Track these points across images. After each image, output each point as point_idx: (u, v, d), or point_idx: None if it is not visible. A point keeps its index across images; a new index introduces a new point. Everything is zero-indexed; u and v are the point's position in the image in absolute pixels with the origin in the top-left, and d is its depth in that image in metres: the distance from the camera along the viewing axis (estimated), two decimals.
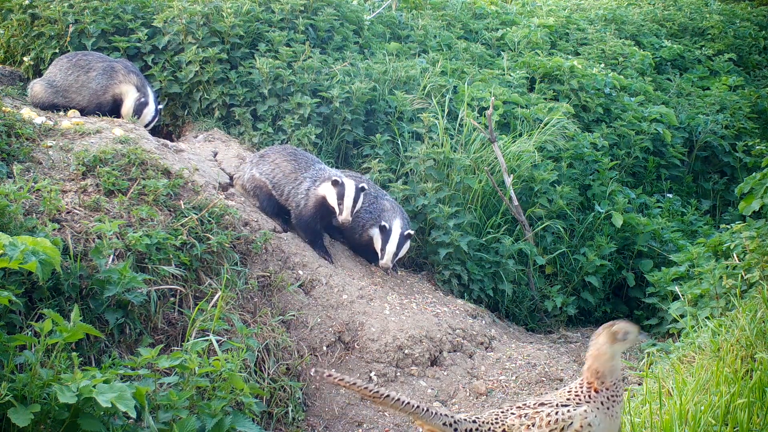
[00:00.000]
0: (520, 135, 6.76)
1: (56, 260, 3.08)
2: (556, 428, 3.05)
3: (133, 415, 2.86)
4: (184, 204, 4.72)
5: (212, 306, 4.14)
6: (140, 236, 4.20)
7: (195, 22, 6.60)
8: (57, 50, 6.62)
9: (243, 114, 6.46)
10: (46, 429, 2.95)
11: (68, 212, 4.28)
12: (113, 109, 5.94)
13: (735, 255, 5.27)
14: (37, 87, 6.04)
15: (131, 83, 5.92)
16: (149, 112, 5.87)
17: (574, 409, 3.06)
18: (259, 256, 5.02)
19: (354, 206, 5.39)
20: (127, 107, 5.86)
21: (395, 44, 7.73)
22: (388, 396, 3.22)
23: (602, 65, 9.14)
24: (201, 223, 4.68)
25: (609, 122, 7.94)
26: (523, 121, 7.04)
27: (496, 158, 6.26)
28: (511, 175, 6.20)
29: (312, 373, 4.71)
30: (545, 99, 7.65)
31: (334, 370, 4.80)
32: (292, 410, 4.43)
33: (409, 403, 3.21)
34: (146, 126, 5.83)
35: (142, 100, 5.85)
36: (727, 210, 8.23)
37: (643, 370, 4.65)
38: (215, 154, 6.12)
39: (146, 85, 5.99)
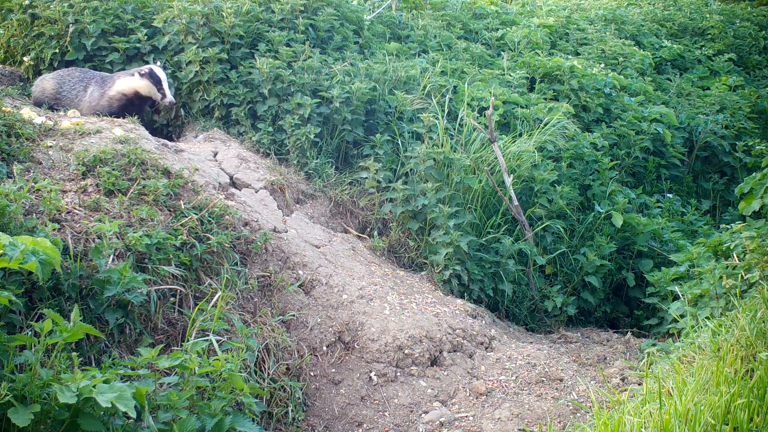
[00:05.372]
0: (520, 135, 6.76)
1: (56, 260, 3.08)
2: None
3: (133, 415, 2.86)
4: (184, 204, 4.72)
5: (212, 306, 4.14)
6: (140, 236, 4.20)
7: (195, 22, 6.60)
8: (57, 50, 6.63)
9: (243, 114, 6.46)
10: (46, 429, 2.95)
11: (68, 212, 4.28)
12: (121, 109, 5.97)
13: (735, 255, 5.27)
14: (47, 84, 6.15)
15: (122, 75, 6.02)
16: (157, 68, 5.97)
17: None
18: (259, 256, 5.02)
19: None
20: (141, 84, 5.95)
21: (395, 44, 7.73)
22: None
23: (602, 65, 9.14)
24: (201, 223, 4.68)
25: (609, 122, 7.94)
26: (523, 121, 7.04)
27: (496, 158, 6.25)
28: (511, 175, 6.20)
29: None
30: (545, 99, 7.65)
31: (333, 370, 4.80)
32: (292, 410, 4.43)
33: None
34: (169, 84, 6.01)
35: (144, 71, 5.95)
36: (727, 210, 8.23)
37: (643, 370, 4.66)
38: (215, 154, 6.12)
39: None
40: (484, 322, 5.55)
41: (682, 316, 5.19)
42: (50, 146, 4.86)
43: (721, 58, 11.20)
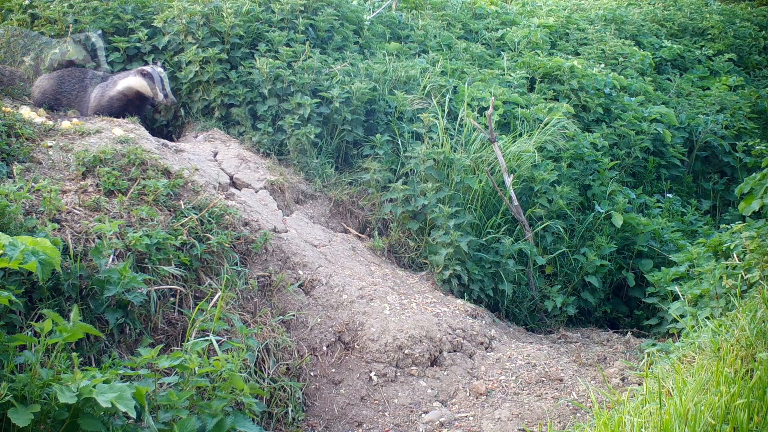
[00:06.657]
0: (520, 135, 6.75)
1: (56, 260, 3.08)
2: None
3: (133, 415, 2.86)
4: (184, 204, 4.72)
5: (212, 306, 4.14)
6: (140, 236, 4.20)
7: (195, 22, 6.60)
8: (57, 50, 6.62)
9: (243, 114, 6.46)
10: (46, 429, 2.95)
11: (68, 212, 4.28)
12: (121, 109, 5.96)
13: (735, 255, 5.27)
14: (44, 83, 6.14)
15: (122, 75, 6.02)
16: (157, 68, 5.98)
17: None
18: (259, 256, 5.02)
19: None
20: (141, 84, 5.95)
21: (395, 44, 7.73)
22: None
23: (602, 65, 9.14)
24: (201, 223, 4.68)
25: (609, 122, 7.94)
26: (523, 121, 7.04)
27: (496, 158, 6.25)
28: (511, 175, 6.20)
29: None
30: (545, 99, 7.65)
31: (333, 370, 4.80)
32: (292, 410, 4.43)
33: None
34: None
35: (145, 71, 5.94)
36: (727, 210, 8.24)
37: (643, 370, 4.65)
38: (215, 154, 6.12)
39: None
40: (484, 322, 5.55)
41: (682, 316, 5.19)
42: (50, 146, 4.86)
43: (721, 58, 11.21)
